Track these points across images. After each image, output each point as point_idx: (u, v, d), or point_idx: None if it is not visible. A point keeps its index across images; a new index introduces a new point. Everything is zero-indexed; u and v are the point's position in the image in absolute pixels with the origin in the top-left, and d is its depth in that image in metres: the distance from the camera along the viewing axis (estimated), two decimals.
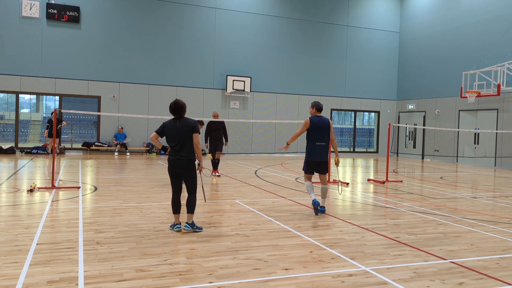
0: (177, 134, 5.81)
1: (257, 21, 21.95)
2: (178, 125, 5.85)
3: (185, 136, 5.81)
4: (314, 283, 4.13)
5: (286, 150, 20.82)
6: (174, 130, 5.83)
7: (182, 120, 5.90)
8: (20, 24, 18.46)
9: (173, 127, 5.86)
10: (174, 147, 5.86)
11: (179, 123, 5.86)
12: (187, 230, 5.87)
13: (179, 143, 5.81)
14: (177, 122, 5.88)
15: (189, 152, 5.84)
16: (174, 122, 5.89)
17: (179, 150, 5.82)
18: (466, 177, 14.53)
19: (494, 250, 5.43)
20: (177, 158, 5.83)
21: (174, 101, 5.94)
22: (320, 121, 7.34)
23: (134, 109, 19.74)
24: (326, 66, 23.32)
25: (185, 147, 5.82)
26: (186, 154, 5.82)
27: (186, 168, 5.84)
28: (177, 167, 5.85)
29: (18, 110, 19.18)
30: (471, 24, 20.11)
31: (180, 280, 4.08)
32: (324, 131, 7.33)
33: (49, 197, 8.25)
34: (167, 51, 20.47)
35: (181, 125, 5.85)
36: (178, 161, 5.82)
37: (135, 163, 16.16)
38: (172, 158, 5.87)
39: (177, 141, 5.82)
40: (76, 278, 4.06)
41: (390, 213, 7.82)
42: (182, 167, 5.83)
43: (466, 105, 19.96)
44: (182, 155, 5.81)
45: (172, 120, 5.94)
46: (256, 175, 12.99)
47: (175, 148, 5.84)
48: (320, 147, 7.34)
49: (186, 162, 5.82)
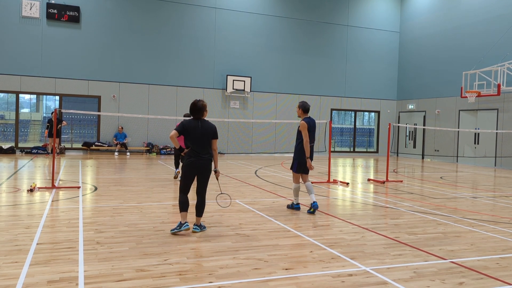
0: (200, 136, 5.80)
1: (257, 21, 21.95)
2: (200, 126, 5.82)
3: (206, 138, 5.83)
4: (314, 283, 4.13)
5: (286, 151, 20.86)
6: (197, 131, 5.80)
7: (204, 122, 5.89)
8: (20, 24, 18.46)
9: (195, 128, 5.80)
10: (195, 148, 5.82)
11: (201, 124, 5.85)
12: (197, 232, 5.89)
13: (200, 144, 5.81)
14: (199, 123, 5.85)
15: (208, 153, 5.88)
16: (196, 123, 5.84)
17: (201, 151, 5.81)
18: (466, 177, 14.53)
19: (494, 250, 5.43)
20: (198, 158, 5.81)
21: (194, 102, 5.90)
22: (312, 122, 7.46)
23: (134, 109, 19.75)
24: (326, 66, 23.32)
25: (206, 149, 5.84)
26: (207, 155, 5.85)
27: (205, 169, 5.87)
28: (198, 168, 5.83)
29: (18, 110, 19.19)
30: (471, 24, 20.11)
31: (180, 280, 4.08)
32: (314, 132, 7.52)
33: (49, 197, 8.25)
34: (167, 51, 20.47)
35: (204, 127, 5.84)
36: (200, 162, 5.81)
37: (135, 163, 16.16)
38: (194, 159, 5.81)
39: (199, 143, 5.80)
40: (76, 278, 4.06)
41: (390, 213, 7.82)
42: (203, 167, 5.84)
43: (466, 105, 19.96)
44: (203, 156, 5.82)
45: (193, 120, 5.88)
46: (256, 175, 13.00)
47: (196, 150, 5.81)
48: (312, 147, 7.45)
49: (207, 163, 5.86)
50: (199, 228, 5.93)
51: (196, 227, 5.93)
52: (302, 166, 7.43)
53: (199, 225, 5.96)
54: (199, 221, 5.98)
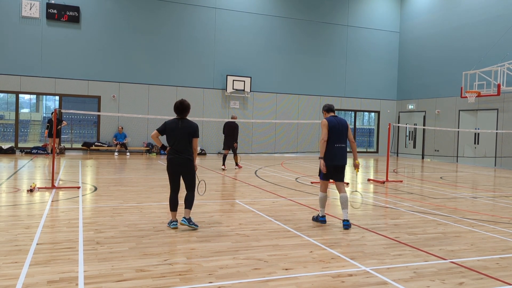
0: (178, 134, 5.93)
1: (257, 21, 21.95)
2: (180, 125, 5.96)
3: (185, 137, 5.93)
4: (314, 283, 4.13)
5: (286, 151, 20.89)
6: (176, 130, 5.95)
7: (185, 121, 6.02)
8: (20, 24, 18.46)
9: (174, 127, 5.97)
10: (172, 146, 5.98)
11: (181, 123, 5.98)
12: (183, 224, 5.98)
13: (178, 143, 5.93)
14: (179, 122, 5.99)
15: (188, 152, 5.97)
16: (177, 122, 6.00)
17: (179, 149, 5.95)
18: (466, 177, 14.53)
19: (494, 250, 5.42)
20: (176, 157, 5.96)
21: (179, 101, 6.06)
22: (337, 122, 6.68)
23: (134, 109, 19.75)
24: (326, 66, 23.32)
25: (184, 147, 5.95)
26: (184, 153, 5.95)
27: (185, 167, 5.98)
28: (176, 166, 5.98)
29: (18, 110, 19.18)
30: (471, 24, 20.11)
31: (180, 280, 4.08)
32: (343, 131, 6.67)
33: (49, 197, 8.25)
34: (167, 51, 20.47)
35: (183, 126, 5.97)
36: (177, 160, 5.95)
37: (135, 163, 16.16)
38: (171, 157, 5.99)
39: (176, 141, 5.94)
40: (76, 278, 4.05)
41: (390, 213, 7.82)
42: (180, 165, 5.97)
43: (466, 105, 19.96)
44: (181, 155, 5.94)
45: (175, 119, 6.05)
46: (256, 175, 12.99)
47: (174, 148, 5.96)
48: (340, 149, 6.62)
49: (185, 161, 5.96)
50: (186, 222, 5.95)
51: (184, 219, 5.98)
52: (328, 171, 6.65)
53: (187, 218, 5.98)
54: (188, 214, 6.03)
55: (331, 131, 6.59)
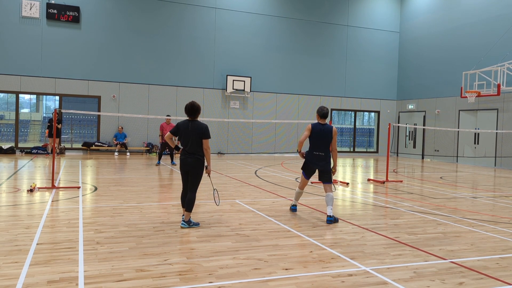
0: (188, 136, 6.13)
1: (257, 21, 21.95)
2: (190, 127, 6.14)
3: (195, 138, 6.11)
4: (314, 283, 4.13)
5: (286, 151, 20.90)
6: (186, 132, 6.14)
7: (195, 123, 6.19)
8: (20, 24, 18.46)
9: (185, 128, 6.16)
10: (184, 147, 6.19)
11: (191, 125, 6.16)
12: (183, 227, 6.07)
13: (188, 144, 6.12)
14: (190, 124, 6.17)
15: (198, 153, 6.14)
16: (187, 124, 6.18)
17: (189, 150, 6.14)
18: (466, 177, 14.53)
19: (494, 250, 5.43)
20: (186, 157, 6.16)
21: (190, 103, 6.24)
22: (321, 130, 6.85)
23: (134, 109, 19.75)
24: (326, 66, 23.32)
25: (194, 148, 6.12)
26: (195, 154, 6.13)
27: (193, 166, 6.13)
28: (187, 166, 6.16)
29: (18, 110, 19.18)
30: (471, 24, 20.11)
31: (180, 280, 4.08)
32: (324, 140, 6.85)
33: (49, 197, 8.25)
34: (167, 51, 20.47)
35: (193, 127, 6.14)
36: (187, 160, 6.14)
37: (135, 163, 16.16)
38: (183, 157, 6.21)
39: (187, 142, 6.14)
40: (76, 278, 4.05)
41: (390, 213, 7.82)
42: (189, 164, 6.13)
43: (466, 105, 19.96)
44: (191, 155, 6.13)
45: (186, 121, 6.24)
46: (256, 175, 12.99)
47: (185, 149, 6.17)
48: (317, 156, 6.92)
49: (194, 161, 6.12)
50: (186, 225, 6.10)
51: (183, 223, 6.12)
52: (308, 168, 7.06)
53: (187, 221, 6.12)
54: (188, 217, 6.14)
55: (311, 137, 6.93)
